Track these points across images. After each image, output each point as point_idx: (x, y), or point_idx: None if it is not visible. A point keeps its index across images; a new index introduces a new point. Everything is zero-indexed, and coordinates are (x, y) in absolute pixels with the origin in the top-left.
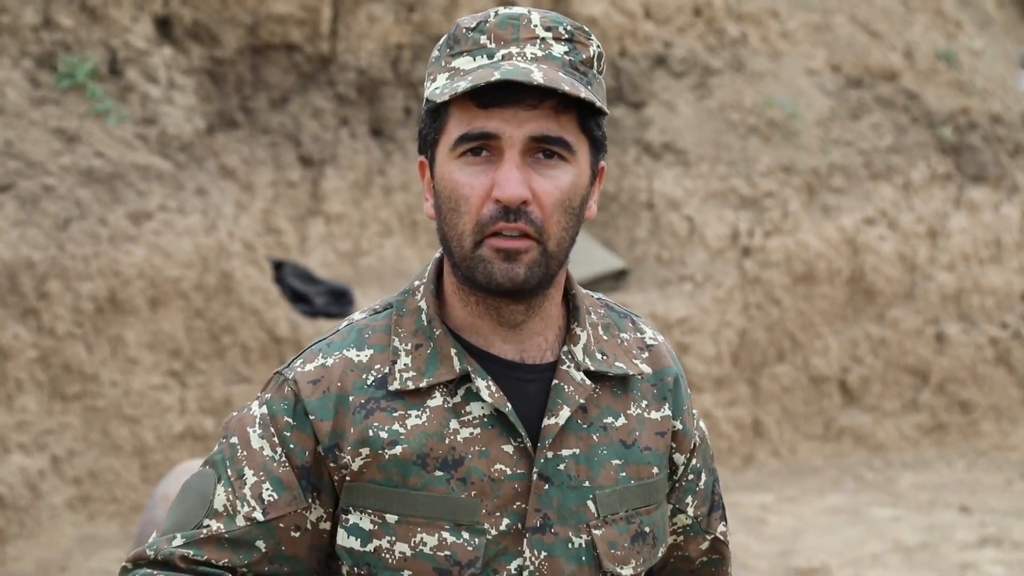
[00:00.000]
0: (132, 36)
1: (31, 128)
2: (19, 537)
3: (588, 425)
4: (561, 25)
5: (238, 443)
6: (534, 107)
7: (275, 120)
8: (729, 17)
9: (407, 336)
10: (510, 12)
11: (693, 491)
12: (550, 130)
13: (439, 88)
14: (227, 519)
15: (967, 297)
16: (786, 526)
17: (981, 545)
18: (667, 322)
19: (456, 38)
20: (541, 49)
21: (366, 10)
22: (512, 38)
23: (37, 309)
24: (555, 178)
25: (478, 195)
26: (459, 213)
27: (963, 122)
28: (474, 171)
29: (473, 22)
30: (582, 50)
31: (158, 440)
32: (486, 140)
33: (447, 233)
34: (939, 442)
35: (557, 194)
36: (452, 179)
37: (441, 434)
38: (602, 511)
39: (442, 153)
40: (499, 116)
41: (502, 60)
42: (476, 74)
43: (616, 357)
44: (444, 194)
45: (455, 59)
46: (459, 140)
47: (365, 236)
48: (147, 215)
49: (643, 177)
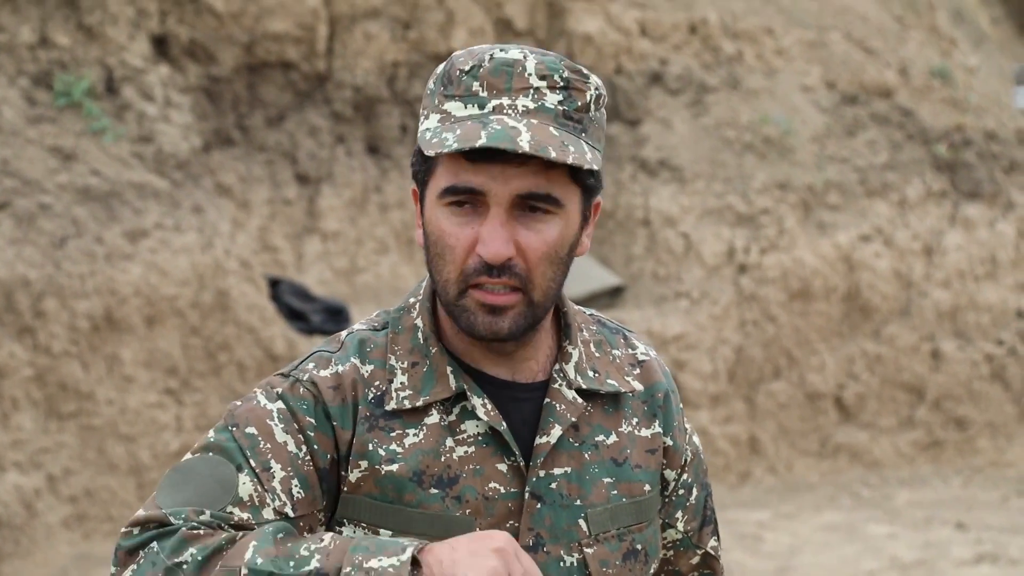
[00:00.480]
0: (128, 54)
1: (27, 146)
2: (15, 556)
3: (580, 443)
4: (557, 72)
5: (258, 434)
6: (521, 164)
7: (271, 138)
8: (724, 35)
9: (403, 354)
10: (504, 58)
11: (683, 506)
12: (538, 187)
13: (429, 132)
14: (254, 509)
15: (963, 314)
16: (782, 543)
17: (977, 562)
18: (663, 339)
19: (450, 78)
20: (533, 100)
21: (362, 28)
22: (505, 87)
23: (33, 327)
24: (541, 232)
25: (463, 246)
26: (444, 261)
27: (958, 139)
28: (460, 221)
29: (468, 64)
30: (578, 97)
31: (154, 458)
32: (471, 195)
33: (434, 274)
34: (935, 459)
35: (544, 248)
36: (439, 227)
37: (437, 452)
38: (594, 529)
39: (431, 196)
40: (486, 172)
41: (492, 113)
42: (464, 129)
43: (608, 374)
44: (432, 238)
45: (448, 101)
46: (445, 191)
47: (361, 253)
48: (143, 233)
49: (639, 194)
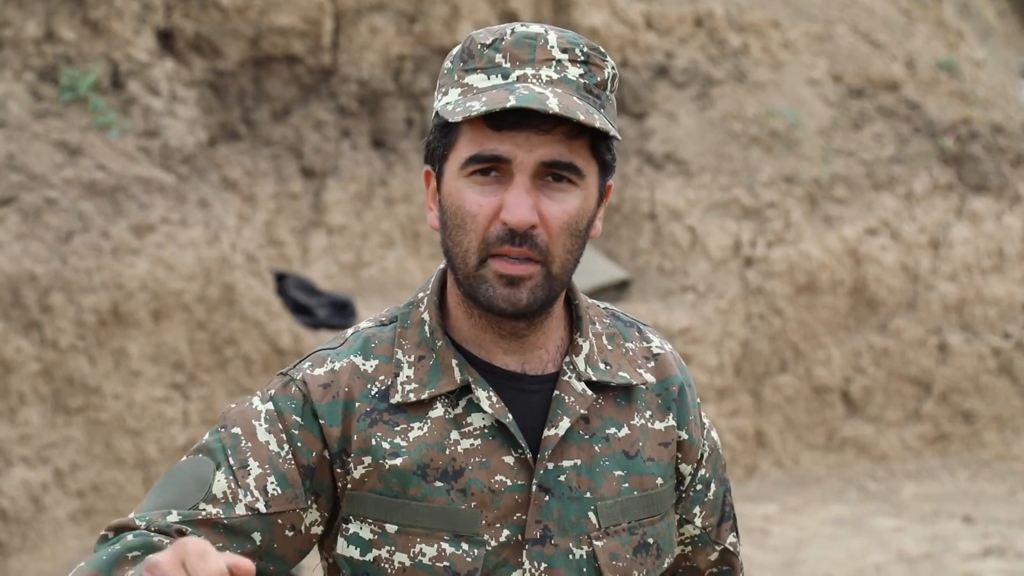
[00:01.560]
0: (134, 49)
1: (33, 141)
2: (22, 550)
3: (590, 436)
4: (578, 46)
5: (241, 434)
6: (546, 132)
7: (277, 132)
8: (730, 27)
9: (411, 348)
10: (527, 31)
11: (701, 501)
12: (561, 155)
13: (451, 104)
14: (226, 506)
15: (969, 307)
16: (789, 537)
17: (984, 555)
18: (669, 332)
19: (471, 52)
20: (556, 72)
21: (368, 22)
22: (528, 59)
23: (40, 322)
24: (563, 202)
25: (486, 214)
26: (465, 230)
27: (965, 132)
28: (483, 190)
29: (489, 38)
30: (597, 72)
31: (161, 453)
32: (497, 163)
33: (451, 249)
34: (942, 452)
35: (564, 218)
36: (460, 196)
37: (442, 445)
38: (604, 522)
39: (451, 169)
40: (511, 140)
41: (516, 82)
42: (491, 95)
43: (620, 367)
44: (451, 210)
45: (468, 75)
46: (469, 160)
47: (367, 247)
48: (149, 228)
49: (645, 188)
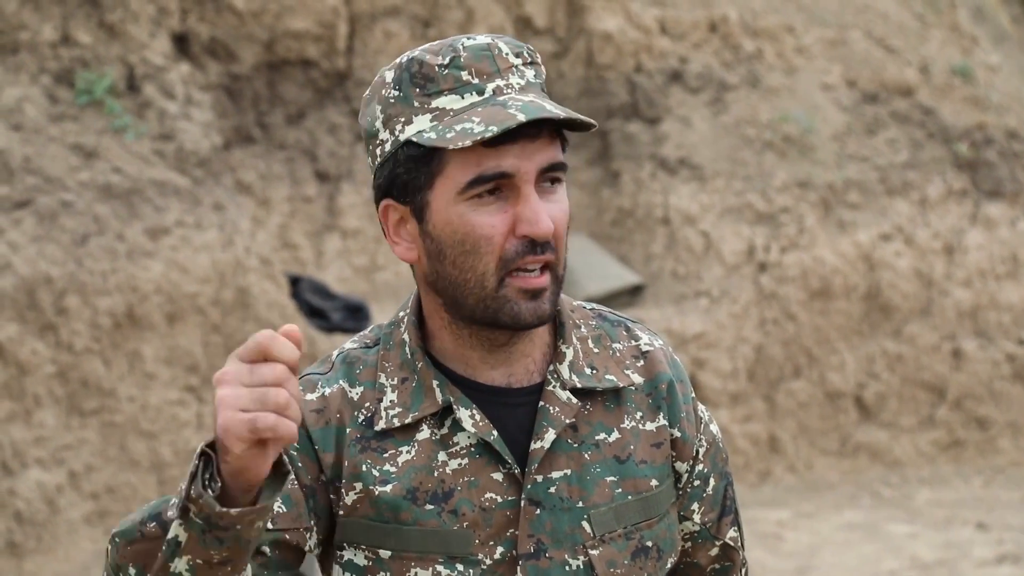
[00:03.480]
0: (150, 52)
1: (49, 144)
2: (36, 552)
3: (579, 444)
4: (523, 49)
5: None
6: (535, 138)
7: (291, 136)
8: (744, 33)
9: (393, 370)
10: (478, 43)
11: (700, 498)
12: (555, 158)
13: (428, 132)
14: None
15: (984, 313)
16: (803, 542)
17: (999, 562)
18: (683, 337)
19: (428, 76)
20: (520, 78)
21: (382, 26)
22: (493, 70)
23: (55, 324)
24: (560, 201)
25: (501, 233)
26: (479, 254)
27: (979, 138)
28: (491, 211)
29: (442, 58)
30: (540, 71)
31: (175, 455)
32: (500, 179)
33: (458, 277)
34: (956, 459)
35: (564, 218)
36: (466, 221)
37: (430, 467)
38: (598, 530)
39: (443, 197)
40: (510, 153)
41: (495, 95)
42: (485, 114)
43: (607, 370)
44: (455, 238)
45: (435, 99)
46: (472, 183)
47: (381, 251)
48: (164, 231)
49: (659, 192)
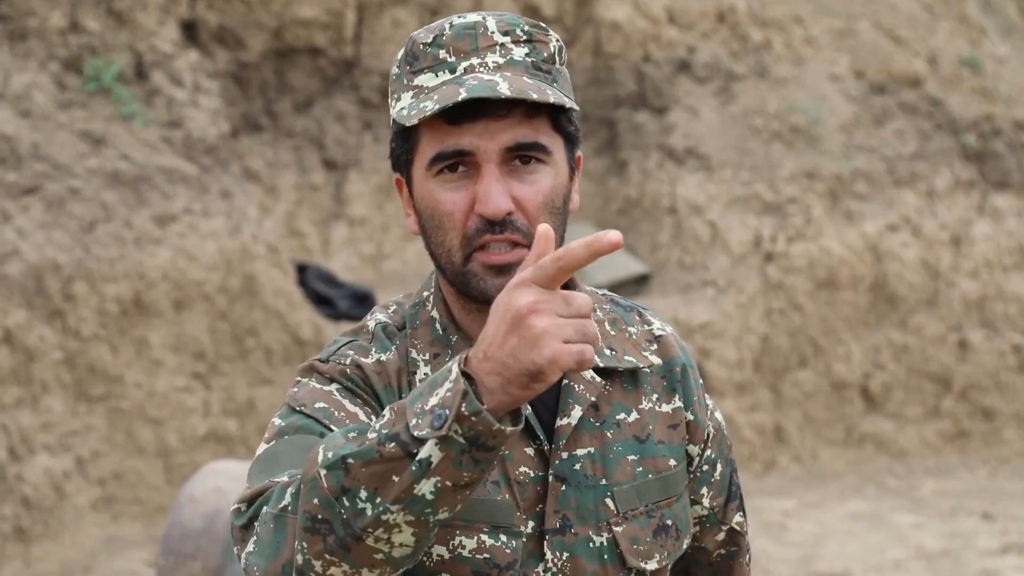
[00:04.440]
0: (158, 40)
1: (58, 131)
2: (44, 537)
3: (601, 423)
4: (518, 27)
5: (329, 407)
6: (504, 117)
7: (299, 124)
8: (753, 23)
9: (423, 347)
10: (466, 21)
11: (708, 482)
12: (524, 137)
13: (405, 109)
14: None
15: (990, 304)
16: (808, 532)
17: (1003, 552)
18: (689, 327)
19: (415, 55)
20: (502, 56)
21: (390, 14)
22: (471, 49)
23: (63, 311)
24: (535, 183)
25: (461, 210)
26: (444, 230)
27: (987, 129)
28: (453, 187)
29: (429, 36)
30: (542, 48)
31: (182, 442)
32: (461, 157)
33: (435, 251)
34: (961, 449)
35: (540, 198)
36: (432, 198)
37: None
38: (621, 507)
39: (418, 172)
40: (471, 131)
41: (464, 74)
42: (441, 92)
43: (625, 351)
44: (427, 213)
45: (416, 76)
46: (434, 159)
47: (388, 239)
48: (172, 218)
49: (666, 182)
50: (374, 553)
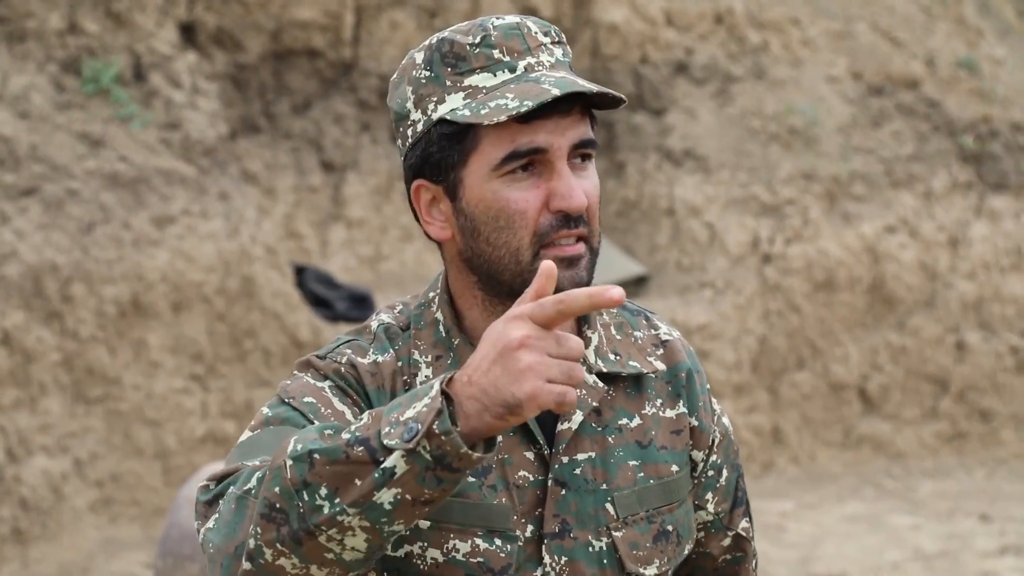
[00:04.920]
0: (156, 41)
1: (56, 132)
2: (41, 539)
3: (603, 428)
4: (551, 29)
5: (317, 402)
6: (567, 114)
7: (297, 125)
8: (750, 24)
9: (427, 348)
10: (507, 22)
11: (713, 487)
12: (586, 134)
13: (461, 110)
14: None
15: (988, 306)
16: (805, 533)
17: (1001, 554)
18: (687, 328)
19: (459, 55)
20: (549, 55)
21: (388, 16)
22: (523, 48)
23: (61, 312)
24: (591, 178)
25: (535, 208)
26: (512, 229)
27: (984, 130)
28: (525, 186)
29: (474, 37)
30: (568, 50)
31: (180, 444)
32: (536, 155)
33: (491, 253)
34: (959, 450)
35: (596, 193)
36: (499, 198)
37: None
38: (621, 512)
39: (477, 173)
40: (543, 129)
41: (525, 71)
42: (517, 90)
43: (630, 356)
44: (488, 214)
45: (467, 77)
46: (506, 159)
47: (386, 241)
48: (170, 219)
49: (664, 184)
50: (325, 552)
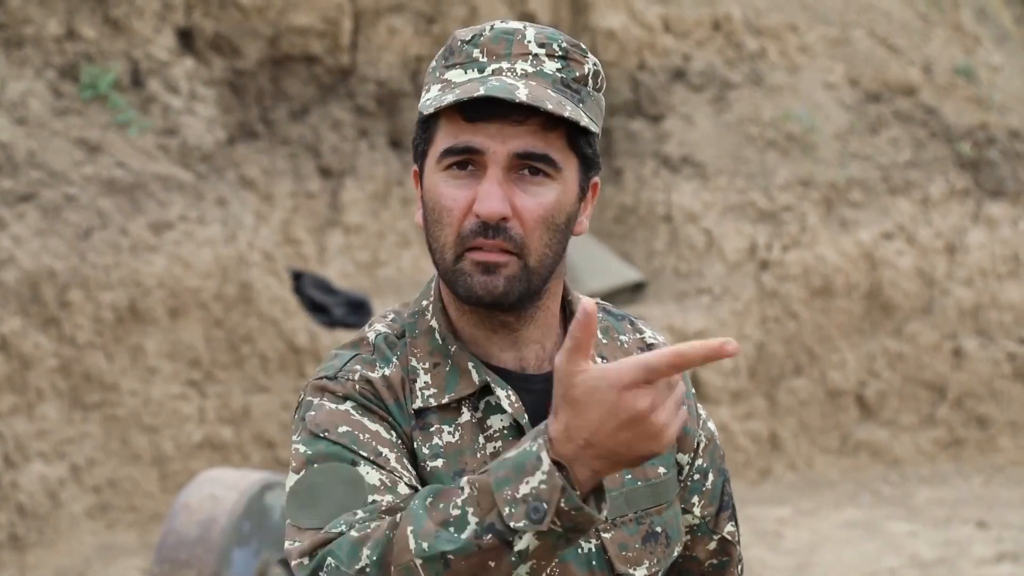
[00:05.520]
0: (154, 47)
1: (53, 138)
2: (39, 545)
3: None
4: (556, 42)
5: (352, 430)
6: (520, 123)
7: (295, 131)
8: (748, 31)
9: (423, 356)
10: (505, 27)
11: (699, 491)
12: (535, 147)
13: (429, 99)
14: (391, 491)
15: (985, 312)
16: (803, 540)
17: (998, 560)
18: (684, 334)
19: (452, 50)
20: (532, 65)
21: (386, 22)
22: (504, 53)
23: (58, 318)
24: (538, 195)
25: (460, 208)
26: (442, 225)
27: (981, 137)
28: (458, 184)
29: (469, 35)
30: (576, 67)
31: (177, 449)
32: (470, 155)
33: (431, 244)
34: (956, 457)
35: (539, 211)
36: (436, 191)
37: (473, 449)
38: (610, 514)
39: (429, 165)
40: (484, 131)
41: (491, 75)
42: (464, 88)
43: (615, 360)
44: (429, 205)
45: (448, 71)
46: (444, 153)
47: (383, 247)
48: (168, 225)
49: (661, 190)
50: None
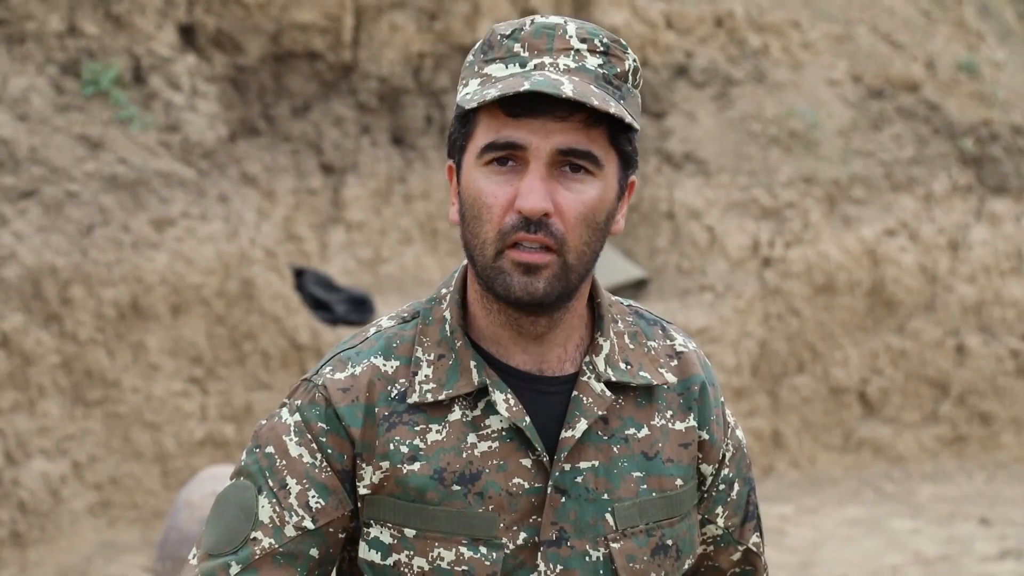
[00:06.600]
0: (156, 44)
1: (55, 134)
2: (40, 542)
3: (609, 437)
4: (597, 37)
5: (275, 452)
6: (563, 119)
7: (297, 128)
8: (750, 28)
9: (431, 346)
10: (546, 21)
11: (724, 502)
12: (578, 143)
13: (469, 94)
14: (275, 531)
15: (988, 309)
16: (805, 537)
17: (1001, 557)
18: (687, 332)
19: (491, 44)
20: (575, 61)
21: (388, 19)
22: (546, 48)
23: (60, 315)
24: (580, 192)
25: (501, 204)
26: (481, 221)
27: (985, 133)
28: (499, 180)
29: (508, 29)
30: (617, 64)
31: (179, 446)
32: (512, 150)
33: (470, 241)
34: (959, 454)
35: (581, 208)
36: (476, 187)
37: (459, 448)
38: (621, 524)
39: (469, 160)
40: (527, 126)
41: (534, 70)
42: (506, 82)
43: (641, 366)
44: (468, 201)
45: (488, 65)
46: (485, 148)
47: (386, 244)
48: (170, 222)
49: (664, 187)
50: None
